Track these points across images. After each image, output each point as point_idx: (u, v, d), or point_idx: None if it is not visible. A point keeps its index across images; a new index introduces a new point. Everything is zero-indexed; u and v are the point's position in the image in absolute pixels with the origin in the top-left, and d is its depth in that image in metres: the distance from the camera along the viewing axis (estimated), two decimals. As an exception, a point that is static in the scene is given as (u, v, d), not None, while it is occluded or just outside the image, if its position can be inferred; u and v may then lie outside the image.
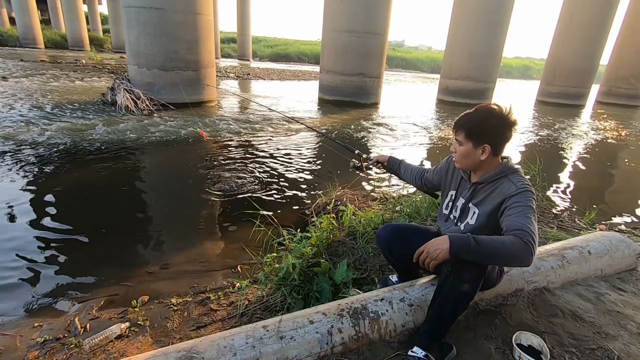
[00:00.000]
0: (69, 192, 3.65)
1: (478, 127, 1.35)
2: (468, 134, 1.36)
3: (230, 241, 2.88)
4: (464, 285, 1.26)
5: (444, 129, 8.21)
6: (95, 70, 14.27)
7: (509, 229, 1.23)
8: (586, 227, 2.88)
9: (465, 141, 1.37)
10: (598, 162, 6.43)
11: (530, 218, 1.23)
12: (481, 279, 1.28)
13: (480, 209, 1.40)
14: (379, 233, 1.67)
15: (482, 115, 1.35)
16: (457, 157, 1.43)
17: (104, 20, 33.24)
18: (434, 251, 1.20)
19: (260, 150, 5.44)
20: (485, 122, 1.34)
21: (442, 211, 1.63)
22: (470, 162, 1.40)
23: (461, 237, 1.20)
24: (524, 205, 1.26)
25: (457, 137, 1.40)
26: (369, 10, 9.32)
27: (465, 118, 1.39)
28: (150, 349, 1.67)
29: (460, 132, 1.38)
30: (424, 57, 37.72)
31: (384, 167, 1.93)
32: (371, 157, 2.00)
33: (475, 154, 1.37)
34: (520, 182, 1.32)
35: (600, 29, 13.86)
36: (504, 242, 1.17)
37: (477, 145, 1.35)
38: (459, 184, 1.55)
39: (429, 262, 1.22)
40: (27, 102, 7.48)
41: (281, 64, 29.05)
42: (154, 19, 7.23)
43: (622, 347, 1.45)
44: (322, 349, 1.32)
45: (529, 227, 1.19)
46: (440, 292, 1.32)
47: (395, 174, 1.91)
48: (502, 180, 1.36)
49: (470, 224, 1.43)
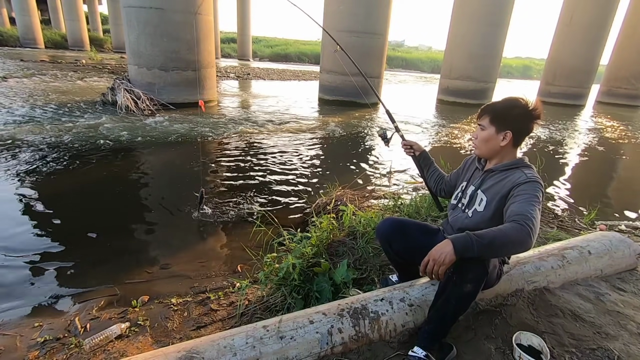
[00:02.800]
0: (68, 192, 3.65)
1: (503, 113, 1.40)
2: (492, 119, 1.41)
3: (230, 241, 2.88)
4: (467, 285, 1.25)
5: (444, 128, 8.21)
6: (95, 70, 14.27)
7: (510, 215, 1.24)
8: (586, 227, 2.88)
9: (489, 125, 1.42)
10: (598, 162, 6.43)
11: (534, 205, 1.23)
12: (484, 280, 1.28)
13: (489, 196, 1.42)
14: (378, 227, 1.67)
15: (509, 104, 1.41)
16: (478, 143, 1.46)
17: (104, 20, 33.23)
18: (440, 256, 1.18)
19: (260, 149, 5.44)
20: (511, 109, 1.39)
21: (450, 203, 1.65)
22: (491, 148, 1.44)
23: (461, 235, 1.20)
24: (530, 194, 1.27)
25: (481, 122, 1.45)
26: (369, 10, 9.32)
27: (492, 104, 1.45)
28: (150, 349, 1.67)
29: (485, 116, 1.43)
30: (424, 57, 37.70)
31: (413, 155, 1.85)
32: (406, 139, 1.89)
33: (496, 140, 1.41)
34: (531, 174, 1.35)
35: (601, 29, 13.85)
36: (502, 230, 1.18)
37: (499, 130, 1.40)
38: (472, 174, 1.59)
39: (437, 268, 1.18)
40: (27, 102, 7.48)
41: (281, 64, 29.05)
42: (154, 19, 7.23)
43: (622, 347, 1.45)
44: (322, 349, 1.32)
45: (530, 213, 1.20)
46: (443, 293, 1.31)
47: (420, 168, 1.86)
48: (515, 170, 1.39)
49: (478, 210, 1.44)
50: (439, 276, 1.20)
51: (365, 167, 5.01)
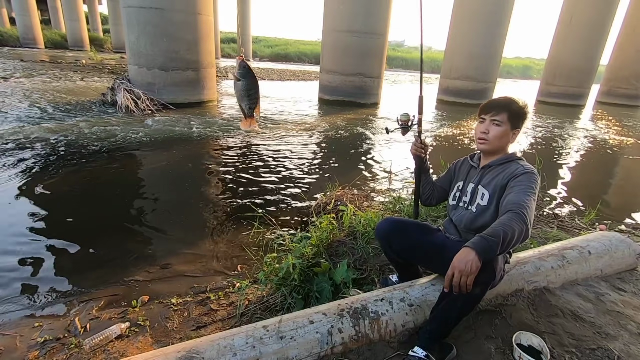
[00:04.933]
0: (67, 192, 3.65)
1: (520, 112, 1.45)
2: (510, 116, 1.44)
3: (230, 241, 2.88)
4: (474, 288, 1.24)
5: (444, 129, 8.21)
6: (95, 70, 14.27)
7: (507, 204, 1.28)
8: (586, 227, 2.88)
9: (506, 122, 1.44)
10: (598, 162, 6.42)
11: (529, 196, 1.28)
12: (490, 283, 1.28)
13: (490, 189, 1.45)
14: (378, 226, 1.66)
15: (521, 104, 1.46)
16: (491, 138, 1.47)
17: (104, 20, 33.25)
18: (465, 265, 1.12)
19: (260, 149, 5.44)
20: (523, 109, 1.46)
21: (450, 204, 1.65)
22: (502, 144, 1.48)
23: (477, 240, 1.17)
24: (526, 185, 1.32)
25: (496, 117, 1.45)
26: (369, 10, 9.32)
27: (507, 101, 1.46)
28: (150, 349, 1.67)
29: (503, 113, 1.44)
30: (424, 57, 37.60)
31: (420, 157, 1.69)
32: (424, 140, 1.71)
33: (508, 136, 1.46)
34: (528, 166, 1.41)
35: (600, 29, 13.85)
36: (505, 224, 1.18)
37: (513, 127, 1.45)
38: (468, 173, 1.59)
39: (465, 279, 1.12)
40: (28, 102, 7.48)
41: (281, 64, 29.03)
42: (154, 19, 7.23)
43: (622, 347, 1.45)
44: (322, 349, 1.32)
45: (524, 201, 1.25)
46: (449, 294, 1.28)
47: (419, 171, 1.73)
48: (511, 163, 1.45)
49: (481, 204, 1.47)
50: (467, 288, 1.14)
51: (365, 167, 5.01)
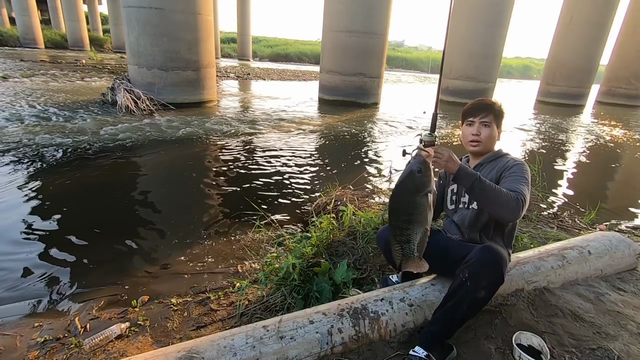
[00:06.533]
0: (68, 192, 3.65)
1: (501, 111, 1.52)
2: (495, 117, 1.50)
3: (230, 241, 2.88)
4: (481, 292, 1.26)
5: (444, 128, 8.21)
6: (95, 70, 14.26)
7: None
8: (586, 227, 2.88)
9: (493, 123, 1.50)
10: (598, 162, 6.42)
11: (522, 184, 1.34)
12: (497, 287, 1.28)
13: None
14: (379, 234, 1.67)
15: (499, 104, 1.53)
16: (484, 138, 1.51)
17: (104, 20, 33.25)
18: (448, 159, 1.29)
19: (260, 149, 5.44)
20: (502, 109, 1.53)
21: (447, 208, 1.65)
22: (493, 144, 1.54)
23: (471, 170, 1.31)
24: (519, 175, 1.38)
25: (485, 119, 1.49)
26: (369, 10, 9.32)
27: (489, 102, 1.52)
28: (150, 349, 1.67)
29: (489, 114, 1.49)
30: (424, 57, 37.68)
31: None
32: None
33: (496, 136, 1.53)
34: (517, 158, 1.48)
35: (600, 29, 13.85)
36: (501, 189, 1.30)
37: (498, 127, 1.52)
38: None
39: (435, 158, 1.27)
40: (28, 102, 7.48)
41: (281, 64, 29.04)
42: (154, 19, 7.23)
43: (622, 347, 1.45)
44: (322, 349, 1.32)
45: (521, 190, 1.31)
46: (454, 296, 1.30)
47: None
48: (501, 158, 1.51)
49: None
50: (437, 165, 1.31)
51: (365, 167, 5.01)
